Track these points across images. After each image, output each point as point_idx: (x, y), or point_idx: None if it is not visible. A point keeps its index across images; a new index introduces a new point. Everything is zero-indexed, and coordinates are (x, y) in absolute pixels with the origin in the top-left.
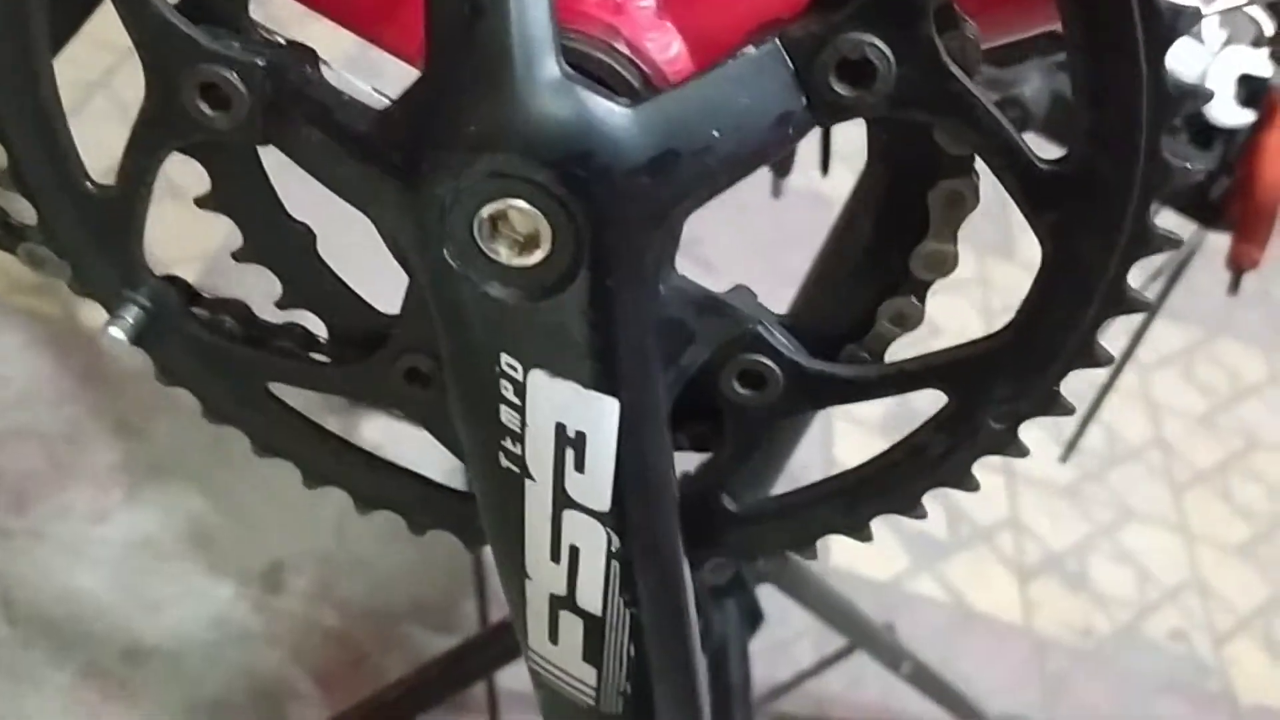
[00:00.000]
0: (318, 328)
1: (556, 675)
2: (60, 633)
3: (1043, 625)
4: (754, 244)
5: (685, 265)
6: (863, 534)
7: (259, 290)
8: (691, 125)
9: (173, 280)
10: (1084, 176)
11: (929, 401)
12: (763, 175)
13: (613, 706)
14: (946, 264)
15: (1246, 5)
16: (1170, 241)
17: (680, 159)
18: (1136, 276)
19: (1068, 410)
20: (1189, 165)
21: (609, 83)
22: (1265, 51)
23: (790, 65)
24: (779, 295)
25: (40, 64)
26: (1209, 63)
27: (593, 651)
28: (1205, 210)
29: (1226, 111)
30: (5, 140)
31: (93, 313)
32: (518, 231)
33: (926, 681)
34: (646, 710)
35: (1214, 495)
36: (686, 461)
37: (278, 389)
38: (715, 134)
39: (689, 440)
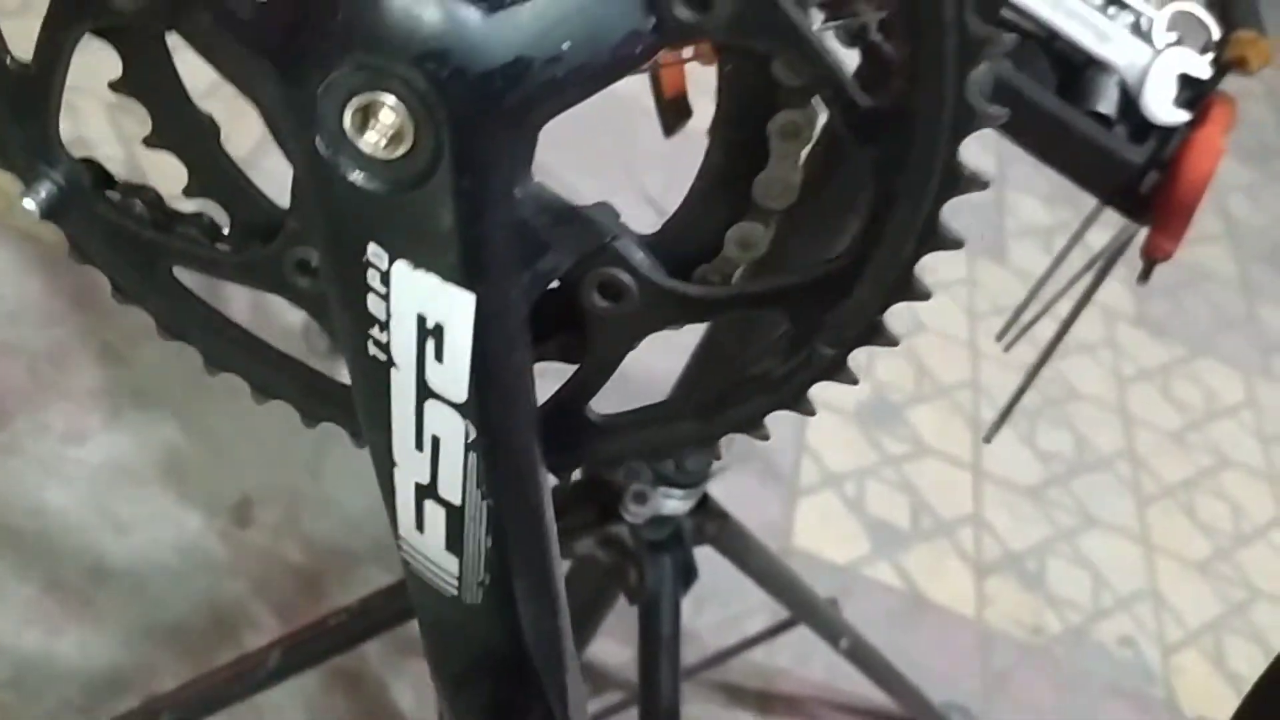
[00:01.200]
0: (223, 218)
1: (423, 564)
2: (27, 546)
3: (993, 619)
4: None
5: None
6: (713, 450)
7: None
8: (543, 35)
9: (88, 162)
10: (899, 113)
11: (902, 395)
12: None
13: (473, 597)
14: (786, 193)
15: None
16: (978, 183)
17: (532, 66)
18: (950, 215)
19: (892, 341)
20: (991, 113)
21: None
22: (1209, 56)
23: None
24: None
25: None
26: (1152, 60)
27: (454, 541)
28: (1133, 204)
29: (1162, 109)
30: None
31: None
32: (384, 125)
33: (865, 658)
34: (504, 602)
35: (1178, 510)
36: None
37: (182, 275)
38: (565, 46)
39: (556, 350)
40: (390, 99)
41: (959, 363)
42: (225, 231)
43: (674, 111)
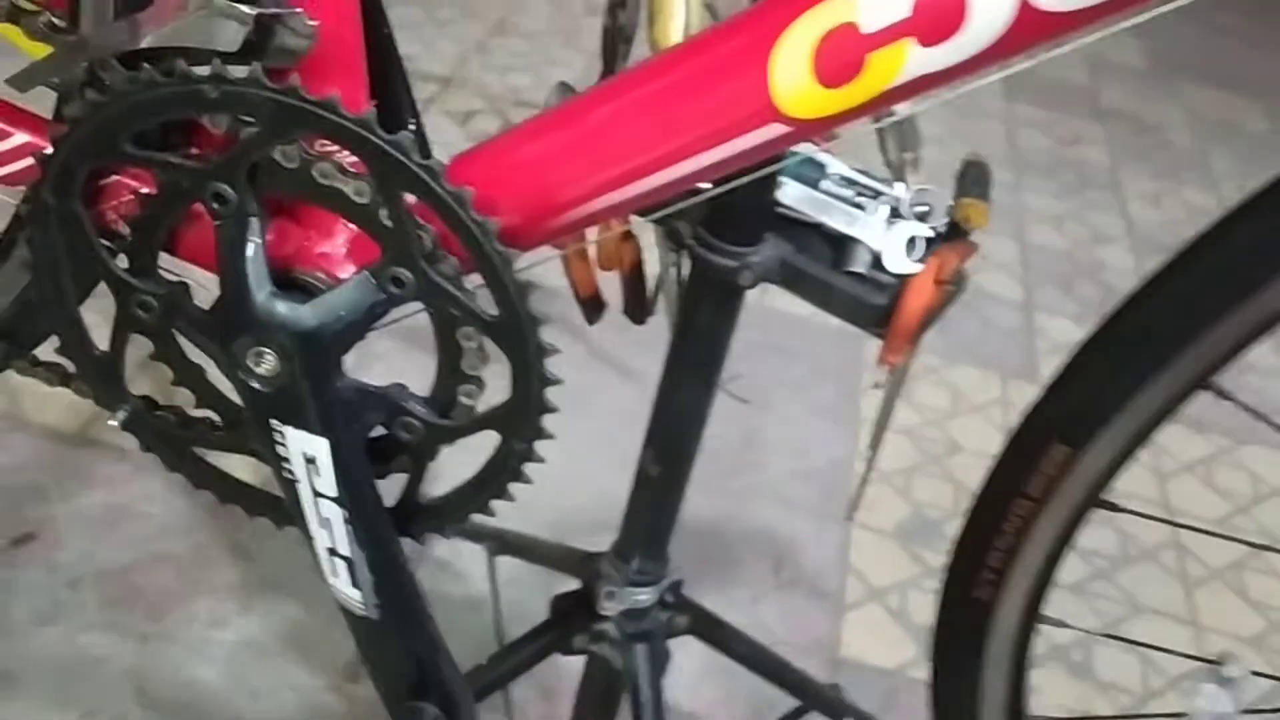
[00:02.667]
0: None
1: (345, 598)
2: (181, 713)
3: (1042, 708)
4: None
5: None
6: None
7: None
8: (331, 311)
9: (144, 397)
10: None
11: (940, 511)
12: None
13: (376, 614)
14: (478, 369)
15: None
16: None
17: (327, 327)
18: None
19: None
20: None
21: (312, 287)
22: (942, 220)
23: (373, 281)
24: None
25: None
26: (885, 232)
27: (353, 580)
28: (877, 327)
29: (896, 264)
30: None
31: (221, 458)
32: (268, 362)
33: None
34: (392, 611)
35: (1227, 590)
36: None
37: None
38: (342, 313)
39: (396, 466)
40: (268, 350)
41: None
42: (219, 421)
43: (592, 306)
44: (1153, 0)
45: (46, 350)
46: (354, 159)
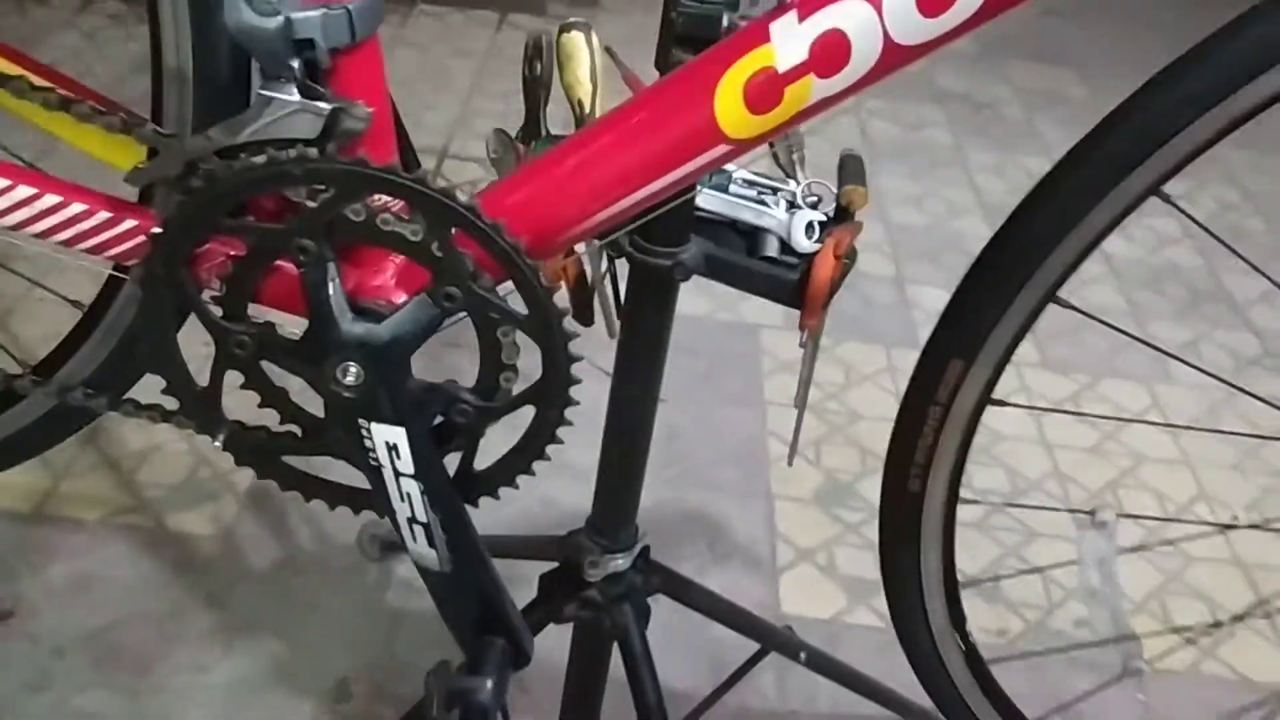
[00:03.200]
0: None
1: (422, 558)
2: None
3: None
4: None
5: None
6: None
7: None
8: (402, 326)
9: (236, 421)
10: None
11: (850, 474)
12: None
13: (447, 565)
14: (514, 359)
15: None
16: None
17: (398, 340)
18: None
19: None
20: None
21: (375, 312)
22: (818, 211)
23: (429, 300)
24: None
25: None
26: (789, 221)
27: (429, 541)
28: (793, 300)
29: (801, 245)
30: None
31: (177, 518)
32: (351, 377)
33: (826, 667)
34: (460, 561)
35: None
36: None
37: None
38: (408, 328)
39: (454, 446)
40: (353, 364)
41: None
42: (300, 433)
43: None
44: (969, 23)
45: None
46: (404, 206)
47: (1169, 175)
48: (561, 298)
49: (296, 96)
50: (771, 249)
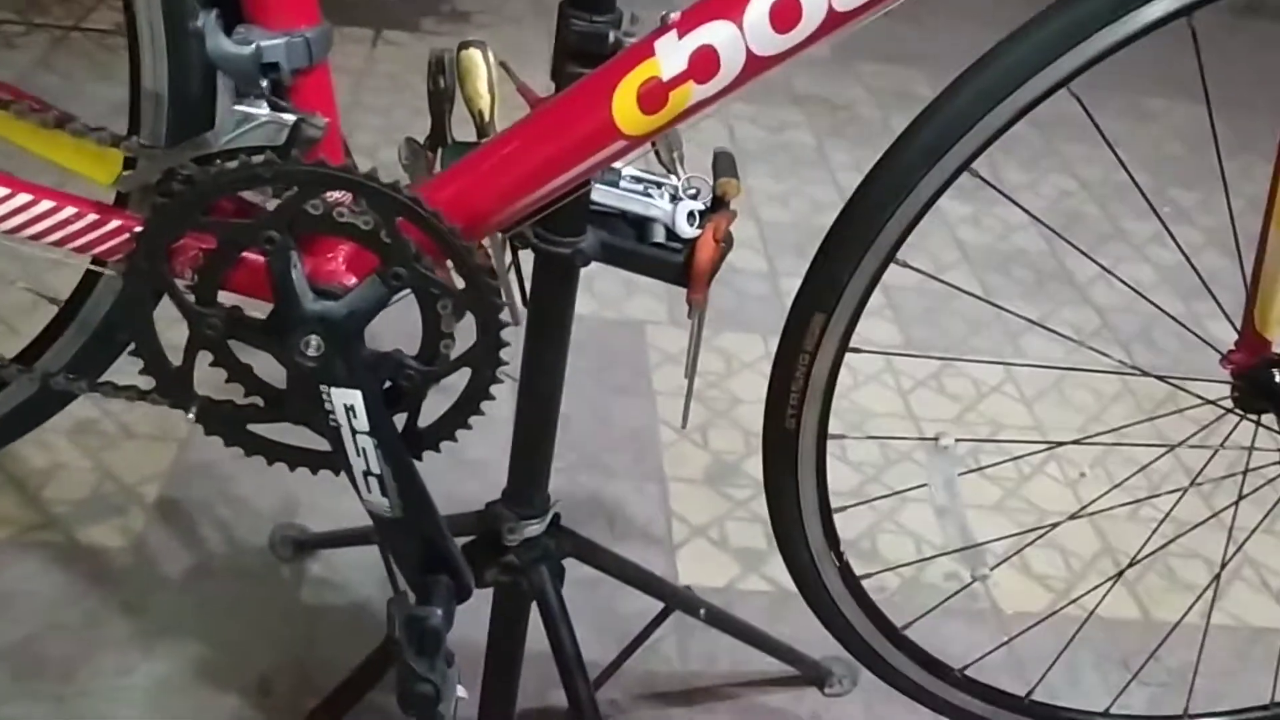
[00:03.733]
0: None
1: (376, 507)
2: None
3: None
4: None
5: None
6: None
7: None
8: (357, 303)
9: (207, 397)
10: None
11: (735, 455)
12: None
13: (398, 511)
14: (451, 328)
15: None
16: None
17: (354, 315)
18: None
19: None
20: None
21: (330, 292)
22: (698, 202)
23: (379, 280)
24: None
25: None
26: (673, 211)
27: (382, 490)
28: (680, 279)
29: (684, 230)
30: None
31: (87, 532)
32: (313, 350)
33: (725, 622)
34: (409, 506)
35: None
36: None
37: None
38: (362, 305)
39: (400, 408)
40: (314, 337)
41: None
42: (262, 404)
43: None
44: (813, 36)
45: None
46: (354, 199)
47: (977, 154)
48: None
49: (266, 110)
50: (659, 236)
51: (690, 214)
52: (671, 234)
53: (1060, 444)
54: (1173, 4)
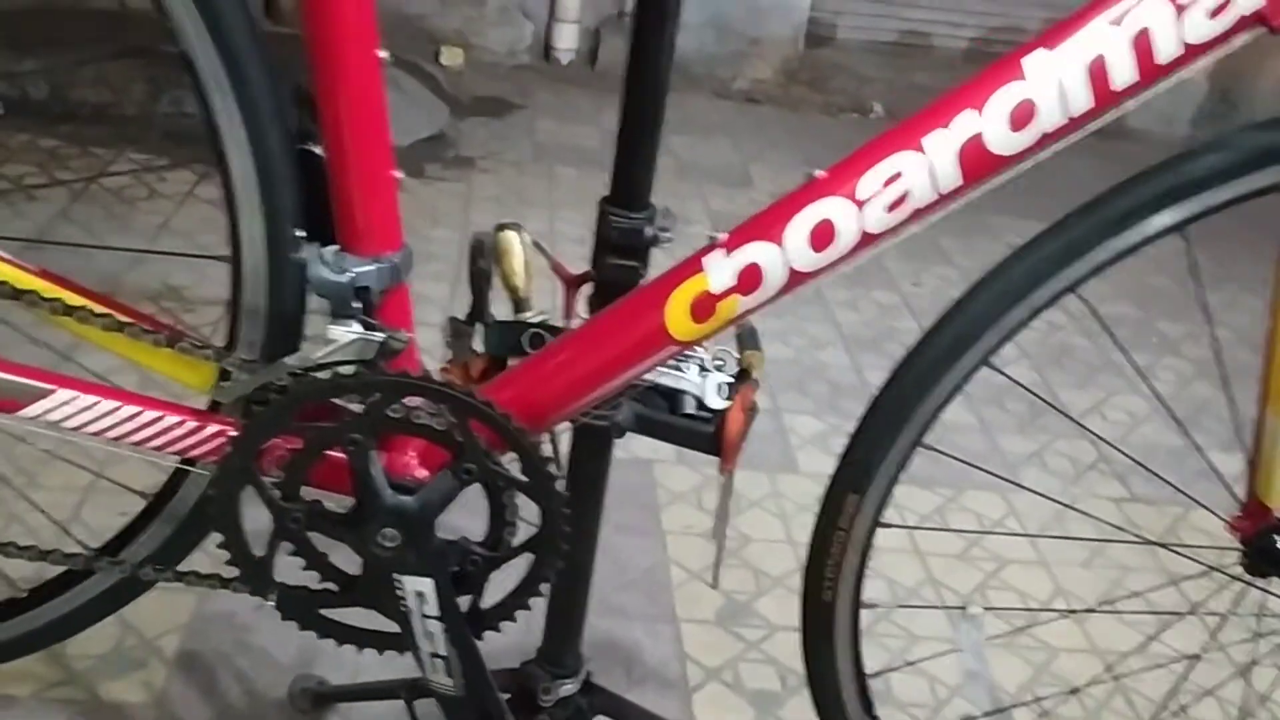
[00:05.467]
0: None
1: (440, 686)
2: None
3: None
4: None
5: None
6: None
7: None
8: (430, 497)
9: (282, 584)
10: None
11: (747, 594)
12: None
13: (461, 691)
14: (516, 516)
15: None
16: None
17: (427, 509)
18: None
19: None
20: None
21: (404, 486)
22: (725, 373)
23: (451, 475)
24: None
25: None
26: (702, 383)
27: (448, 671)
28: (712, 449)
29: (714, 402)
30: None
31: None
32: (390, 538)
33: None
34: (471, 688)
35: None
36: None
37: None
38: (435, 499)
39: (463, 591)
40: (391, 529)
41: (784, 557)
42: (335, 589)
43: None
44: (846, 257)
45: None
46: (428, 403)
47: (995, 349)
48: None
49: (357, 329)
50: (689, 407)
51: (719, 386)
52: (701, 405)
53: (1078, 611)
54: (1172, 219)
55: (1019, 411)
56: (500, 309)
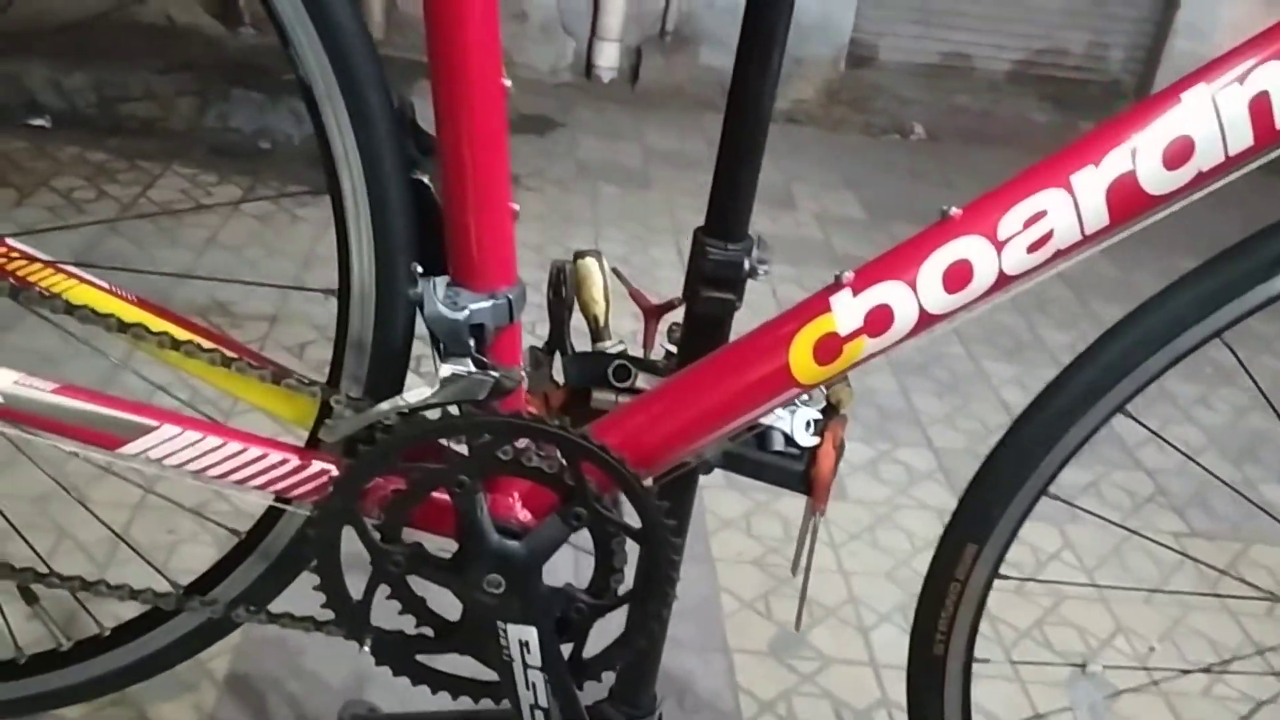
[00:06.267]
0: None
1: None
2: None
3: None
4: None
5: None
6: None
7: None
8: (537, 542)
9: (378, 629)
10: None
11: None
12: None
13: None
14: (623, 563)
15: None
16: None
17: (534, 555)
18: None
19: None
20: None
21: (509, 530)
22: (814, 409)
23: (560, 520)
24: None
25: None
26: (791, 420)
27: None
28: (803, 486)
29: (803, 439)
30: None
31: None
32: (495, 584)
33: None
34: None
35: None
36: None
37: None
38: (542, 544)
39: (566, 639)
40: (496, 575)
41: (836, 587)
42: (432, 634)
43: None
44: (982, 298)
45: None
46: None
47: (1131, 397)
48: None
49: (470, 368)
50: (778, 444)
51: (808, 422)
52: (790, 441)
53: (1197, 670)
54: None
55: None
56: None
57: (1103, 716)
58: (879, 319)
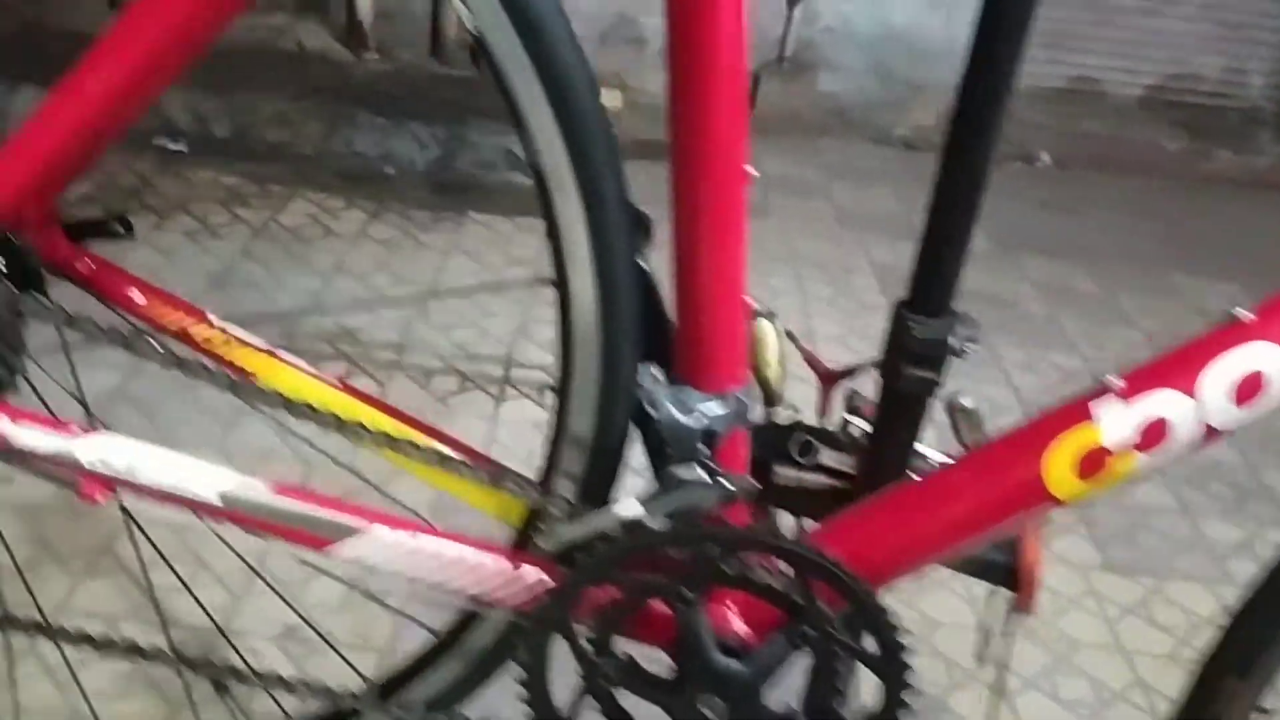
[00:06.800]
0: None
1: None
2: None
3: None
4: None
5: None
6: None
7: None
8: (761, 662)
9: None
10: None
11: (938, 688)
12: None
13: None
14: (847, 685)
15: None
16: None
17: (758, 676)
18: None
19: None
20: None
21: (728, 647)
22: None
23: (784, 640)
24: None
25: None
26: None
27: None
28: (1008, 582)
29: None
30: None
31: None
32: (716, 706)
33: None
34: None
35: None
36: None
37: None
38: (767, 665)
39: None
40: (718, 698)
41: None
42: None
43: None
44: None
45: None
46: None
47: None
48: None
49: (700, 474)
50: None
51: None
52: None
53: None
54: None
55: (1223, 495)
56: None
57: None
58: (1154, 433)
